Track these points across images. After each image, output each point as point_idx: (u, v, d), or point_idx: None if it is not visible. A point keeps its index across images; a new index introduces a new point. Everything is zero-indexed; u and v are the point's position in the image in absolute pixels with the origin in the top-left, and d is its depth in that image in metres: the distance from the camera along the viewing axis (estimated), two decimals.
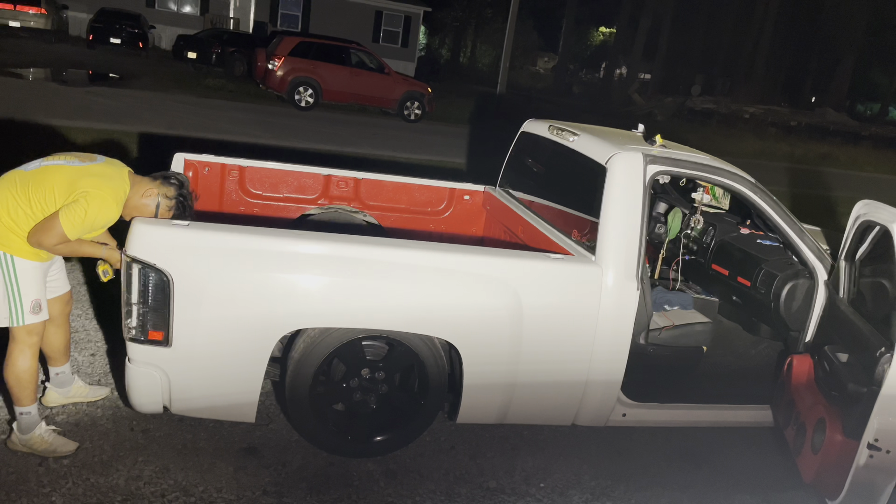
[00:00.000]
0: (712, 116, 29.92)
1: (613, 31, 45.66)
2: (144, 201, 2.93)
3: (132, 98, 13.39)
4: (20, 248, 2.79)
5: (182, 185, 3.01)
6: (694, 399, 3.76)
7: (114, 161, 3.02)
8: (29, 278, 2.84)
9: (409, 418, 3.34)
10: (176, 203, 2.97)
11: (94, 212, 2.76)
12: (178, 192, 2.98)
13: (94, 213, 2.76)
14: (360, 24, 28.52)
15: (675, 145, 4.02)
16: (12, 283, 2.81)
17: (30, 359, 2.93)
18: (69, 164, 2.85)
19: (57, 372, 3.33)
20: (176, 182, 3.01)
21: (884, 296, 3.22)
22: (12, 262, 2.80)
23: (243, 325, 2.90)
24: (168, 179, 3.00)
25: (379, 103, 16.91)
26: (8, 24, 20.27)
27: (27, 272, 2.84)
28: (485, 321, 3.13)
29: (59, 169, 2.82)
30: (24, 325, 2.87)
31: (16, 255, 2.80)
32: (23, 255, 2.81)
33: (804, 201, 12.26)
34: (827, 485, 3.17)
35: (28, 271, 2.84)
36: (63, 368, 3.33)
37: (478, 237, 4.84)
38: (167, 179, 2.99)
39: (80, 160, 2.90)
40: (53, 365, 3.32)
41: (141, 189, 2.93)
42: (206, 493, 2.95)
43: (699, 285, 4.54)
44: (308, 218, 4.53)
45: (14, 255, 2.79)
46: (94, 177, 2.82)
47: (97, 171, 2.86)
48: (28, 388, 2.94)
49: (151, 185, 2.96)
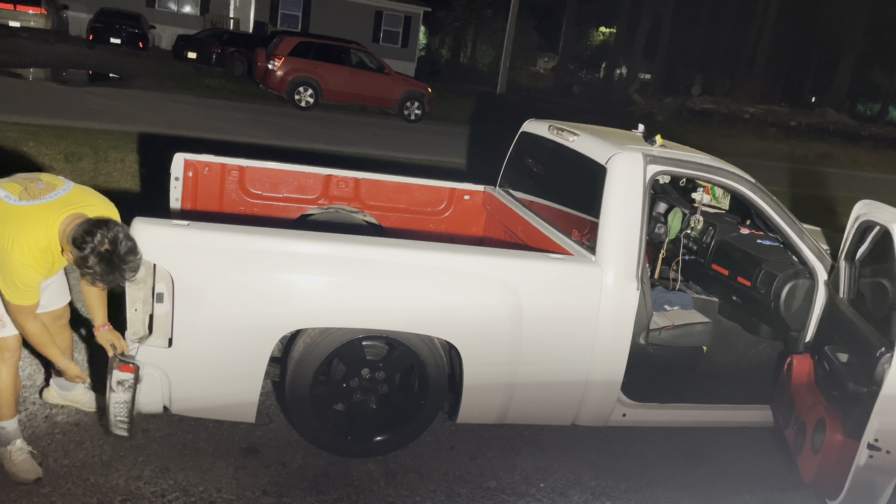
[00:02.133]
0: (712, 116, 29.92)
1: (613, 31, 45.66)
2: (67, 258, 2.63)
3: (132, 98, 13.38)
4: None
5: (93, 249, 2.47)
6: (694, 399, 3.76)
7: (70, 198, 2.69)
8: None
9: (409, 418, 3.34)
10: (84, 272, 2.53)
11: (15, 277, 2.57)
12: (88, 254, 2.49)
13: (15, 278, 2.57)
14: (360, 24, 28.51)
15: (675, 145, 4.02)
16: None
17: (3, 374, 2.84)
18: (6, 201, 2.62)
19: (58, 374, 3.32)
20: (89, 243, 2.48)
21: (884, 296, 3.22)
22: None
23: (243, 325, 2.90)
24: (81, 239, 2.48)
25: (379, 103, 16.90)
26: (8, 24, 20.26)
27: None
28: (485, 321, 3.13)
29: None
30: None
31: None
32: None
33: (804, 201, 12.26)
34: (827, 485, 3.17)
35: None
36: None
37: (478, 237, 4.84)
38: (81, 239, 2.49)
39: (22, 196, 2.63)
40: (55, 368, 3.30)
41: (64, 245, 2.59)
42: (206, 493, 2.95)
43: (699, 285, 4.54)
44: (308, 218, 4.53)
45: None
46: (12, 226, 2.55)
47: (19, 219, 2.58)
48: (3, 403, 2.88)
49: (65, 244, 2.57)
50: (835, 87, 37.50)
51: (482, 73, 39.52)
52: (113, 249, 2.50)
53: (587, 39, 54.86)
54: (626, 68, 42.50)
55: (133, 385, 2.82)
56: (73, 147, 8.24)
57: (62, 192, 2.72)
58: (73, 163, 7.50)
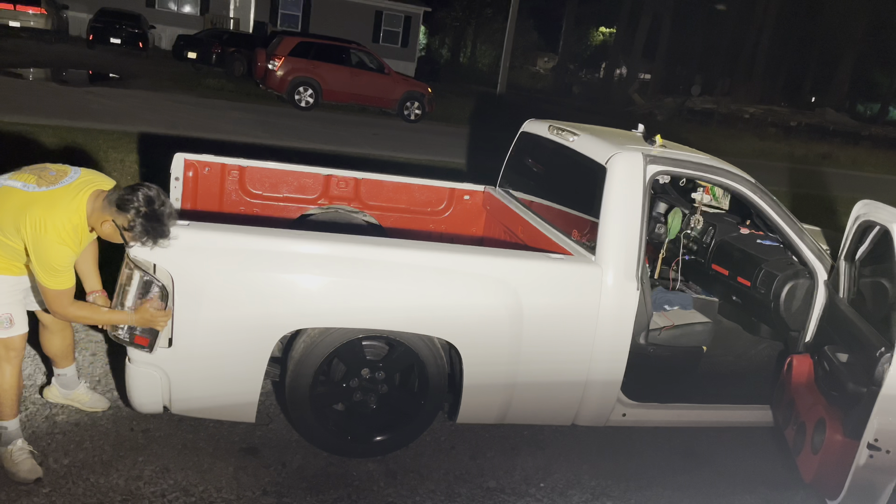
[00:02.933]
0: (712, 116, 29.94)
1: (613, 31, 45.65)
2: (105, 230, 2.74)
3: (132, 98, 13.38)
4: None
5: (139, 209, 2.65)
6: (694, 399, 3.76)
7: (84, 179, 2.81)
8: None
9: (409, 418, 3.34)
10: (135, 231, 2.67)
11: (51, 259, 2.65)
12: (135, 218, 2.65)
13: (51, 259, 2.66)
14: (360, 24, 28.52)
15: (675, 145, 4.02)
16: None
17: (8, 373, 2.85)
18: (25, 189, 2.70)
19: (59, 373, 3.32)
20: (134, 207, 2.65)
21: (884, 296, 3.22)
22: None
23: (243, 325, 2.90)
24: (125, 205, 2.65)
25: (379, 103, 16.91)
26: (8, 24, 20.27)
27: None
28: (485, 321, 3.13)
29: (13, 193, 2.70)
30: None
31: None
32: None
33: (804, 201, 12.26)
34: (827, 485, 3.17)
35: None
36: (66, 371, 3.32)
37: (478, 237, 4.84)
38: (124, 205, 2.65)
39: (39, 183, 2.73)
40: (56, 367, 3.31)
41: (100, 217, 2.72)
42: (206, 493, 2.95)
43: (699, 285, 4.54)
44: (308, 218, 4.53)
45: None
46: (40, 209, 2.65)
47: (46, 202, 2.67)
48: (5, 403, 2.89)
49: (108, 212, 2.70)
50: (835, 87, 37.51)
51: (482, 73, 39.53)
52: (154, 205, 2.67)
53: (587, 39, 54.86)
54: (626, 68, 42.49)
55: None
56: (74, 147, 8.25)
57: (75, 176, 2.82)
58: (73, 163, 7.48)
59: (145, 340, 2.84)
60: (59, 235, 2.66)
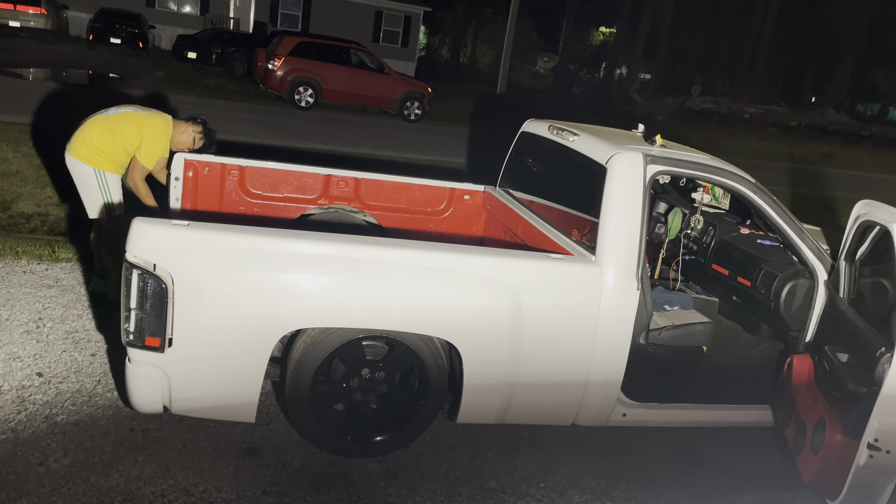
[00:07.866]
0: (712, 116, 29.94)
1: (613, 31, 45.66)
2: (183, 138, 4.36)
3: (132, 98, 13.37)
4: (108, 166, 4.30)
5: (205, 123, 4.50)
6: (694, 399, 3.76)
7: (160, 112, 4.45)
8: (115, 185, 4.38)
9: (409, 418, 3.34)
10: (204, 134, 4.43)
11: (155, 146, 4.27)
12: (204, 127, 4.45)
13: (155, 146, 4.27)
14: (360, 24, 28.52)
15: (675, 145, 4.02)
16: (105, 189, 4.33)
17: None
18: (136, 112, 4.35)
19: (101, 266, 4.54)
20: (201, 120, 4.51)
21: (884, 296, 3.22)
22: (104, 176, 4.31)
23: (243, 325, 2.90)
24: (195, 119, 4.49)
25: (379, 103, 16.91)
26: (8, 24, 20.26)
27: (114, 181, 4.37)
28: (485, 321, 3.13)
29: (130, 115, 4.33)
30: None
31: (106, 171, 4.30)
32: (110, 171, 4.32)
33: (804, 201, 12.27)
34: (827, 485, 3.17)
35: (114, 181, 4.37)
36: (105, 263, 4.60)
37: (478, 237, 4.84)
38: (195, 120, 4.48)
39: (143, 109, 4.40)
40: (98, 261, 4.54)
41: (180, 129, 4.38)
42: (206, 493, 2.95)
43: (699, 285, 4.54)
44: (308, 218, 4.53)
45: (105, 171, 4.30)
46: (153, 120, 4.32)
47: (153, 118, 4.33)
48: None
49: (186, 125, 4.40)
50: (835, 87, 37.53)
51: (482, 73, 39.53)
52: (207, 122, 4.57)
53: (587, 39, 54.87)
54: (626, 68, 42.50)
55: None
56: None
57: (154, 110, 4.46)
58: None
59: (156, 341, 2.84)
60: (166, 133, 4.33)
